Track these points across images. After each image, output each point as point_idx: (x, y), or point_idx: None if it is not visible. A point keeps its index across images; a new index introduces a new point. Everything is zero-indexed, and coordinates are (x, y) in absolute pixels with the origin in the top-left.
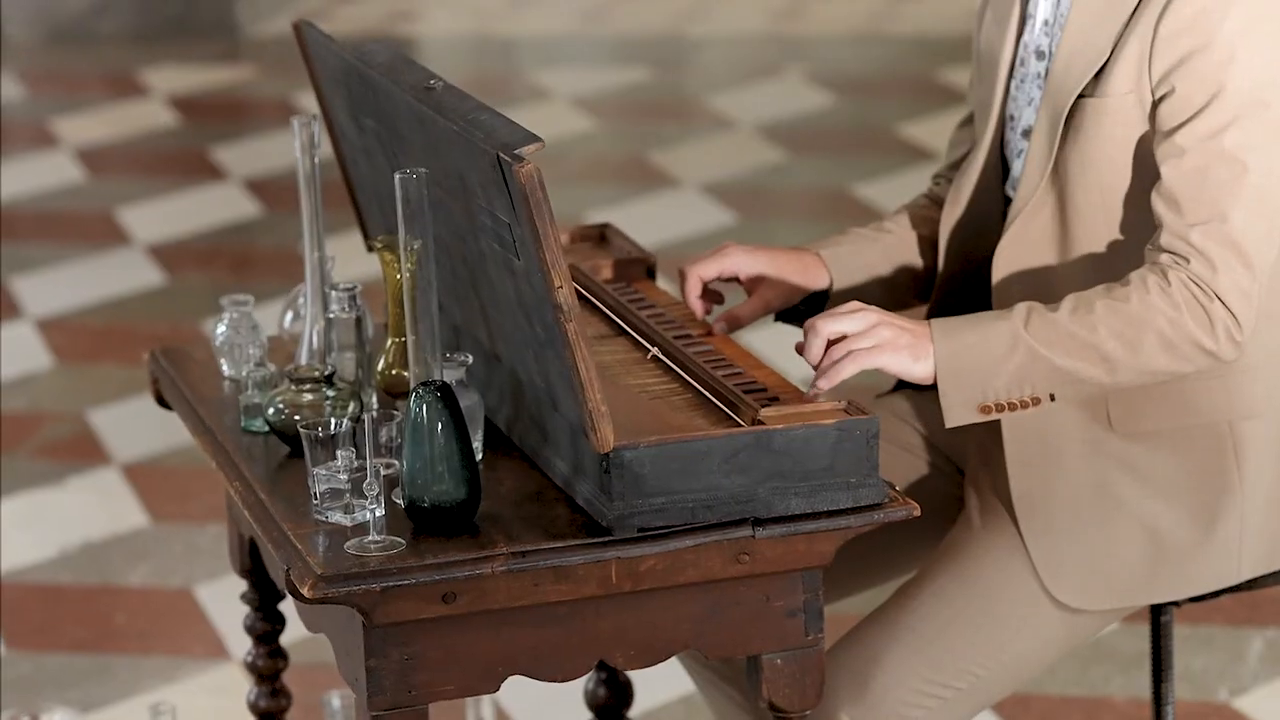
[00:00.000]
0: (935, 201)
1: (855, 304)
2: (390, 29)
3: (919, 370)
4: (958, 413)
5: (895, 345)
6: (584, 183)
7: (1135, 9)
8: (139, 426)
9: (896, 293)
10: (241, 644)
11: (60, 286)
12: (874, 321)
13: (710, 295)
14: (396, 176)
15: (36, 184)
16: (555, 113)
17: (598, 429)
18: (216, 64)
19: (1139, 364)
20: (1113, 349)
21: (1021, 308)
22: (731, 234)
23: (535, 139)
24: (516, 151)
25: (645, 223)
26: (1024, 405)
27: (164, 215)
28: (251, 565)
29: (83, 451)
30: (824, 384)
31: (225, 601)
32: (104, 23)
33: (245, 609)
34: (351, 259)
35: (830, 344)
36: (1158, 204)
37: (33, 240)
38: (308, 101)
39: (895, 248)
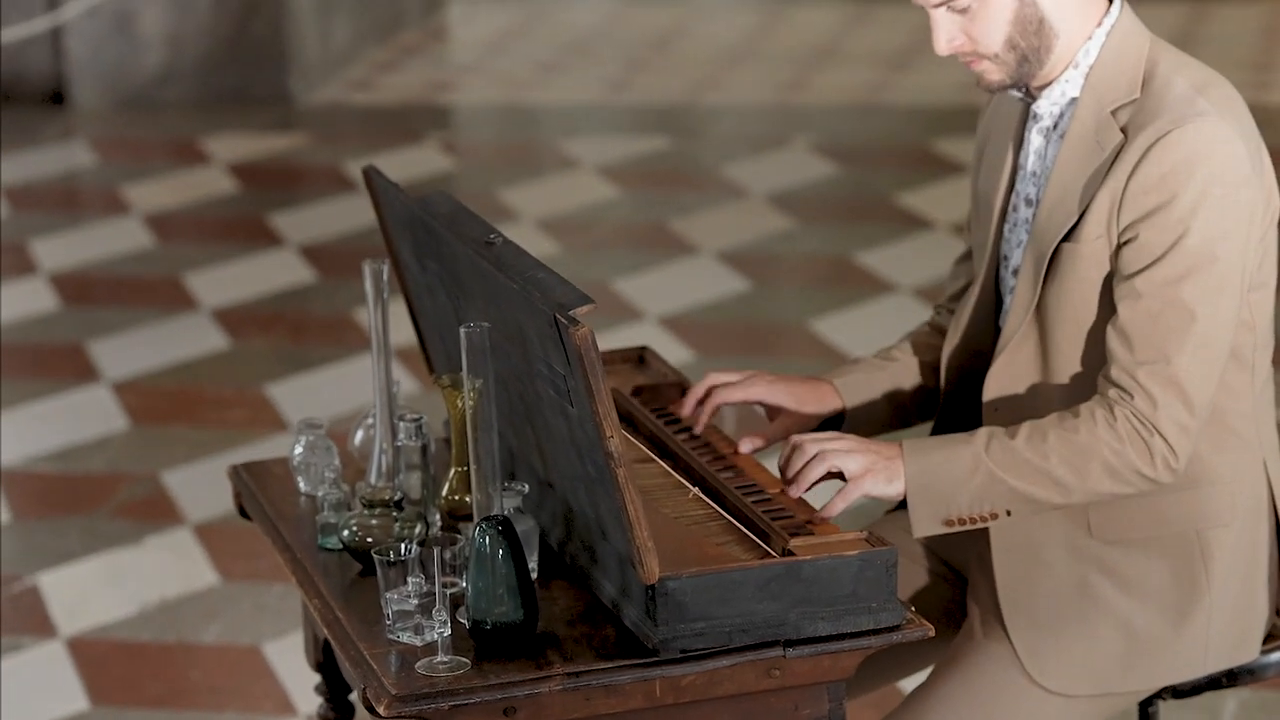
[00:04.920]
0: (936, 329)
1: (834, 434)
2: (429, 98)
3: (893, 491)
4: (925, 525)
5: (874, 473)
6: (609, 249)
7: (1110, 167)
8: (208, 487)
9: (901, 413)
10: (306, 699)
11: (134, 350)
12: (851, 448)
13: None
14: (461, 330)
15: (109, 249)
16: (582, 181)
17: (644, 562)
18: (272, 132)
19: (1087, 487)
20: (1063, 474)
21: (983, 433)
22: (744, 300)
23: (587, 300)
24: (571, 313)
25: (666, 289)
26: (984, 519)
27: (227, 281)
28: (324, 659)
29: (159, 511)
30: (833, 510)
31: (291, 658)
32: (168, 91)
33: (307, 667)
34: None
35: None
36: (1112, 338)
37: (108, 304)
38: (356, 169)
39: (900, 374)
